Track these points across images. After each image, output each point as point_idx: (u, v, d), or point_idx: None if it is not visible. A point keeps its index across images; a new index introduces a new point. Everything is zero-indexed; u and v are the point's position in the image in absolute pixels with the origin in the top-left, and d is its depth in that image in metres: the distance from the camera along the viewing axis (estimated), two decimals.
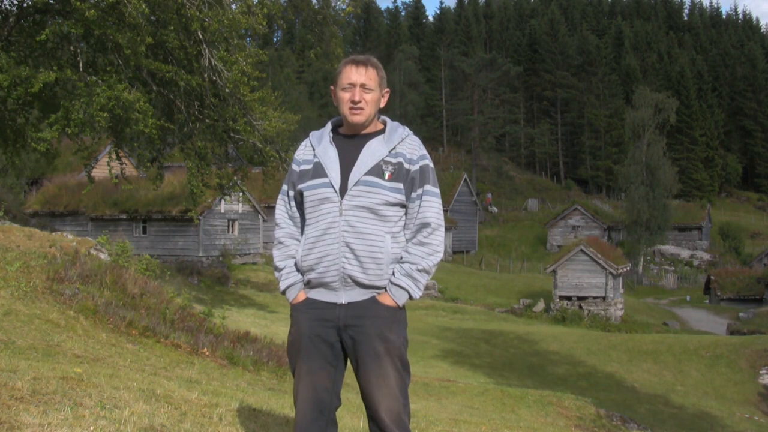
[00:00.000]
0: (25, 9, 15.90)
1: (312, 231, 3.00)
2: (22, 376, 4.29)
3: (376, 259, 2.94)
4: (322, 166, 3.01)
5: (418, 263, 2.97)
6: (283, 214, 3.16)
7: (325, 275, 2.97)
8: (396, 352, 2.96)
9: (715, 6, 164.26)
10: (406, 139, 3.05)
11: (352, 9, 20.36)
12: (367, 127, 3.06)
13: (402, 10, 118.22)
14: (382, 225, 2.96)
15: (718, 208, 73.56)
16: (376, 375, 2.93)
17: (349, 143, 3.04)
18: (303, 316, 3.01)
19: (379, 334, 2.93)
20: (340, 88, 3.02)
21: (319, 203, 2.98)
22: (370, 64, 3.03)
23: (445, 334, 24.74)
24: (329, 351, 2.98)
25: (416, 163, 3.00)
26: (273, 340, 12.18)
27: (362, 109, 2.98)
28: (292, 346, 3.05)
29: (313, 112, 69.63)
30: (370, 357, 2.93)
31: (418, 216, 3.00)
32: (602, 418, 13.76)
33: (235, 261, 32.81)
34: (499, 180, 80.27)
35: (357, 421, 5.26)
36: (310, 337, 2.97)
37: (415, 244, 3.00)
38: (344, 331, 2.96)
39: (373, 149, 3.00)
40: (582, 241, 36.03)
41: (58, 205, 34.37)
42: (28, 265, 8.78)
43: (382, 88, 3.05)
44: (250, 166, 20.06)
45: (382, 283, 2.97)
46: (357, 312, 2.95)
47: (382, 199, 2.94)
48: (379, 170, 2.96)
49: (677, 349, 23.56)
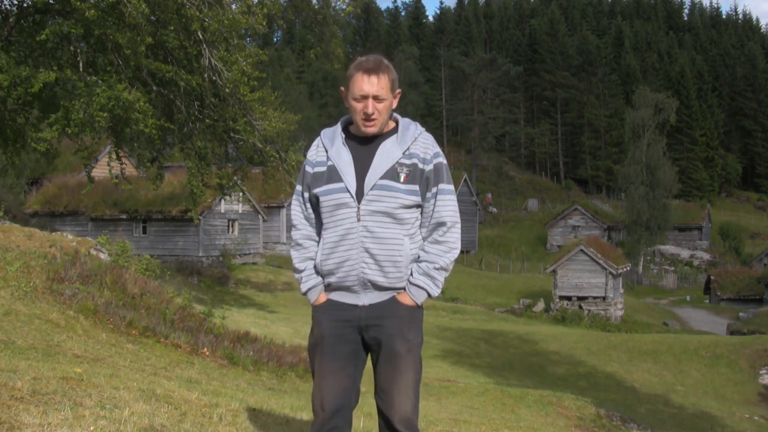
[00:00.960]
0: (25, 9, 15.90)
1: (330, 236, 3.00)
2: (22, 376, 4.29)
3: (396, 263, 2.96)
4: (337, 170, 2.99)
5: (436, 261, 3.00)
6: (299, 215, 3.14)
7: (345, 280, 2.99)
8: (415, 351, 3.02)
9: (715, 6, 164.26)
10: (419, 138, 3.04)
11: (352, 9, 20.35)
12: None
13: (402, 10, 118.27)
14: (400, 228, 2.97)
15: (718, 208, 73.56)
16: (395, 374, 2.98)
17: (362, 145, 3.03)
18: (324, 318, 3.04)
19: (400, 333, 2.98)
20: (352, 97, 2.99)
21: (335, 208, 2.98)
22: (381, 71, 2.97)
23: (445, 334, 24.74)
24: (350, 351, 3.01)
25: (430, 163, 3.01)
26: (273, 340, 12.18)
27: (375, 119, 2.97)
28: (314, 346, 3.07)
29: (313, 112, 69.63)
30: (391, 356, 2.98)
31: (434, 215, 3.02)
32: (602, 418, 13.75)
33: (235, 261, 32.79)
34: (499, 180, 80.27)
35: (357, 421, 5.26)
36: (332, 338, 3.00)
37: (431, 242, 3.02)
38: (366, 332, 3.00)
39: (387, 151, 2.99)
40: (582, 241, 36.03)
41: (58, 205, 34.36)
42: (28, 265, 8.78)
43: (393, 91, 3.03)
44: (250, 166, 20.06)
45: (402, 285, 3.00)
46: (378, 312, 2.99)
47: (399, 203, 2.95)
48: (394, 173, 2.96)
49: (677, 349, 23.55)
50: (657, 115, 52.84)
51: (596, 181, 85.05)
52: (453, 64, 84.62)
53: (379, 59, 3.03)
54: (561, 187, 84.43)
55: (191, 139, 17.06)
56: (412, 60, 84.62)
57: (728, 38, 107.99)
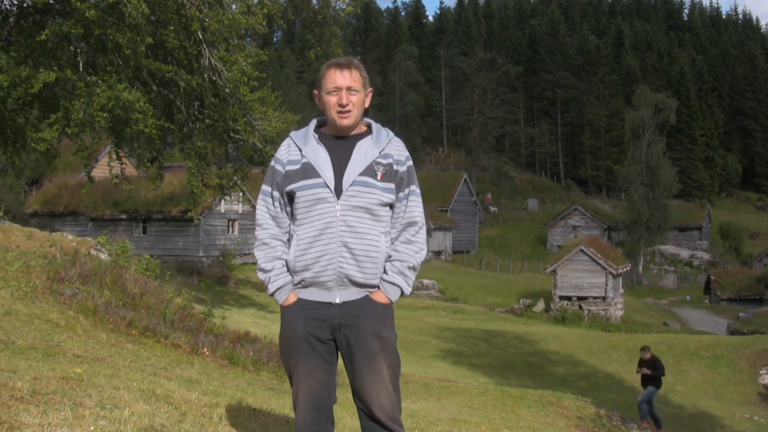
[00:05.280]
0: (25, 9, 15.91)
1: (307, 231, 3.01)
2: (22, 376, 4.29)
3: (373, 259, 3.00)
4: (313, 166, 3.02)
5: (408, 261, 3.06)
6: (265, 215, 3.13)
7: (321, 275, 2.99)
8: (390, 348, 3.04)
9: (715, 6, 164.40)
10: (392, 141, 3.12)
11: (352, 9, 20.36)
12: (354, 128, 3.10)
13: (402, 10, 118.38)
14: (377, 224, 3.02)
15: (718, 208, 73.58)
16: (371, 373, 2.98)
17: (338, 144, 3.08)
18: (296, 317, 3.03)
19: (375, 332, 3.00)
20: (325, 92, 3.05)
21: (314, 203, 3.00)
22: (353, 66, 3.06)
23: (445, 334, 24.74)
24: (324, 349, 3.02)
25: (404, 164, 3.09)
26: (273, 340, 12.16)
27: (350, 111, 3.03)
28: (287, 346, 3.08)
29: (313, 112, 69.53)
30: (365, 355, 2.98)
31: (405, 215, 3.09)
32: (602, 418, 13.76)
33: (235, 261, 32.80)
34: (499, 180, 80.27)
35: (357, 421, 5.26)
36: (306, 337, 3.00)
37: (403, 242, 3.08)
38: (338, 330, 3.01)
39: (364, 150, 3.05)
40: (582, 241, 36.04)
41: (58, 205, 34.37)
42: (28, 265, 8.78)
43: (365, 88, 3.09)
44: (250, 166, 20.06)
45: (375, 282, 3.03)
46: (352, 311, 3.00)
47: (377, 200, 3.01)
48: (372, 171, 3.02)
49: (677, 349, 23.56)
50: (657, 115, 52.85)
51: (596, 181, 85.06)
52: (453, 64, 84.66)
53: (350, 57, 3.11)
54: (561, 187, 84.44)
55: (191, 139, 17.06)
56: (412, 60, 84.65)
57: (728, 38, 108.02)
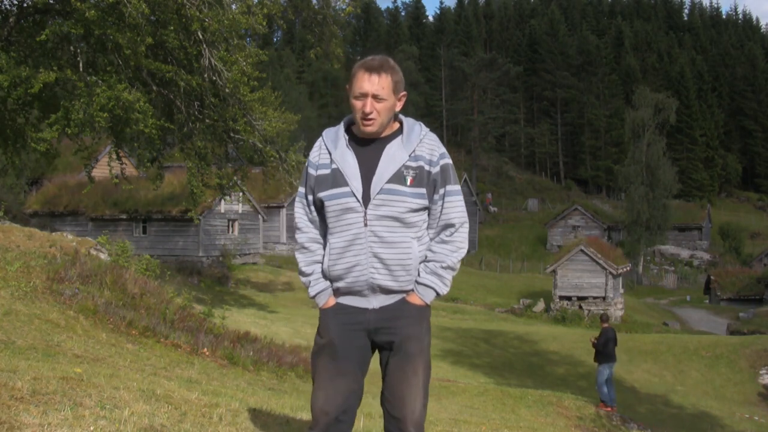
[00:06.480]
0: (25, 9, 15.91)
1: (337, 241, 2.96)
2: (22, 376, 4.29)
3: (405, 266, 2.94)
4: (342, 173, 2.94)
5: (443, 260, 2.99)
6: (304, 218, 3.08)
7: (354, 285, 2.96)
8: (425, 351, 3.00)
9: (715, 6, 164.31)
10: (424, 139, 2.98)
11: (352, 9, 20.36)
12: (381, 132, 3.00)
13: (402, 10, 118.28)
14: (408, 231, 2.94)
15: (718, 208, 73.56)
16: (407, 375, 2.95)
17: (367, 148, 2.98)
18: (332, 321, 3.00)
19: (411, 334, 2.96)
20: (353, 95, 2.95)
21: (342, 213, 2.93)
22: (383, 71, 2.91)
23: (445, 334, 24.73)
24: (358, 355, 2.99)
25: (437, 165, 2.96)
26: (273, 340, 12.18)
27: (374, 120, 2.92)
28: (321, 349, 3.03)
29: (313, 112, 69.65)
30: (403, 358, 2.95)
31: (442, 217, 2.99)
32: (602, 418, 13.76)
33: (235, 261, 32.80)
34: (499, 180, 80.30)
35: (357, 422, 5.26)
36: (341, 342, 2.97)
37: (438, 242, 3.01)
38: (375, 334, 2.98)
39: (392, 154, 2.94)
40: (582, 241, 36.02)
41: (58, 205, 34.35)
42: (28, 265, 8.77)
43: (397, 93, 2.95)
44: (250, 166, 20.06)
45: (411, 287, 2.98)
46: (388, 314, 2.96)
47: (406, 207, 2.90)
48: (400, 177, 2.91)
49: (677, 349, 23.56)
50: (657, 115, 52.84)
51: (596, 181, 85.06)
52: (453, 64, 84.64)
53: (385, 59, 2.97)
54: (561, 187, 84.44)
55: (191, 139, 17.06)
56: (412, 60, 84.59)
57: (728, 38, 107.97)
